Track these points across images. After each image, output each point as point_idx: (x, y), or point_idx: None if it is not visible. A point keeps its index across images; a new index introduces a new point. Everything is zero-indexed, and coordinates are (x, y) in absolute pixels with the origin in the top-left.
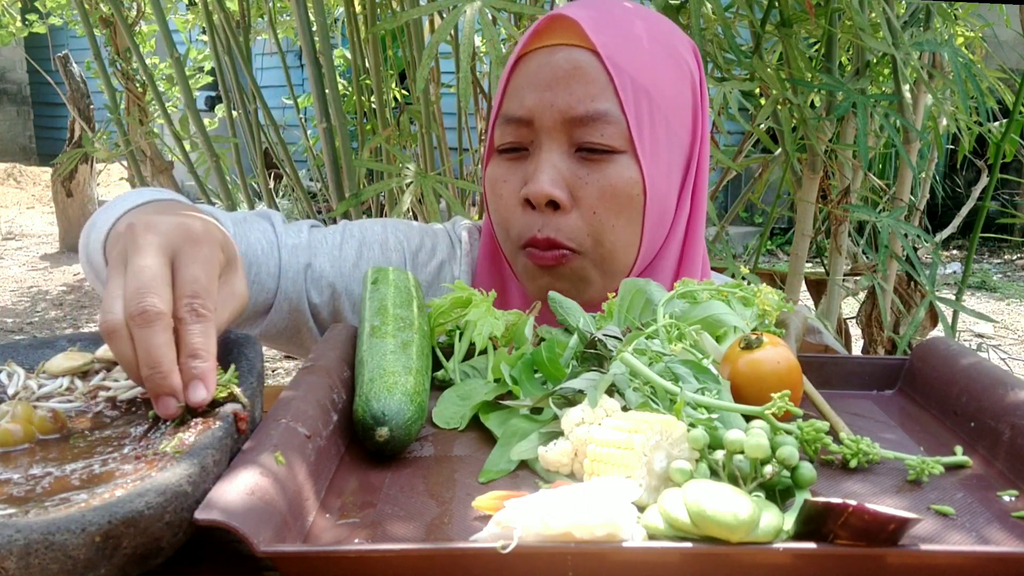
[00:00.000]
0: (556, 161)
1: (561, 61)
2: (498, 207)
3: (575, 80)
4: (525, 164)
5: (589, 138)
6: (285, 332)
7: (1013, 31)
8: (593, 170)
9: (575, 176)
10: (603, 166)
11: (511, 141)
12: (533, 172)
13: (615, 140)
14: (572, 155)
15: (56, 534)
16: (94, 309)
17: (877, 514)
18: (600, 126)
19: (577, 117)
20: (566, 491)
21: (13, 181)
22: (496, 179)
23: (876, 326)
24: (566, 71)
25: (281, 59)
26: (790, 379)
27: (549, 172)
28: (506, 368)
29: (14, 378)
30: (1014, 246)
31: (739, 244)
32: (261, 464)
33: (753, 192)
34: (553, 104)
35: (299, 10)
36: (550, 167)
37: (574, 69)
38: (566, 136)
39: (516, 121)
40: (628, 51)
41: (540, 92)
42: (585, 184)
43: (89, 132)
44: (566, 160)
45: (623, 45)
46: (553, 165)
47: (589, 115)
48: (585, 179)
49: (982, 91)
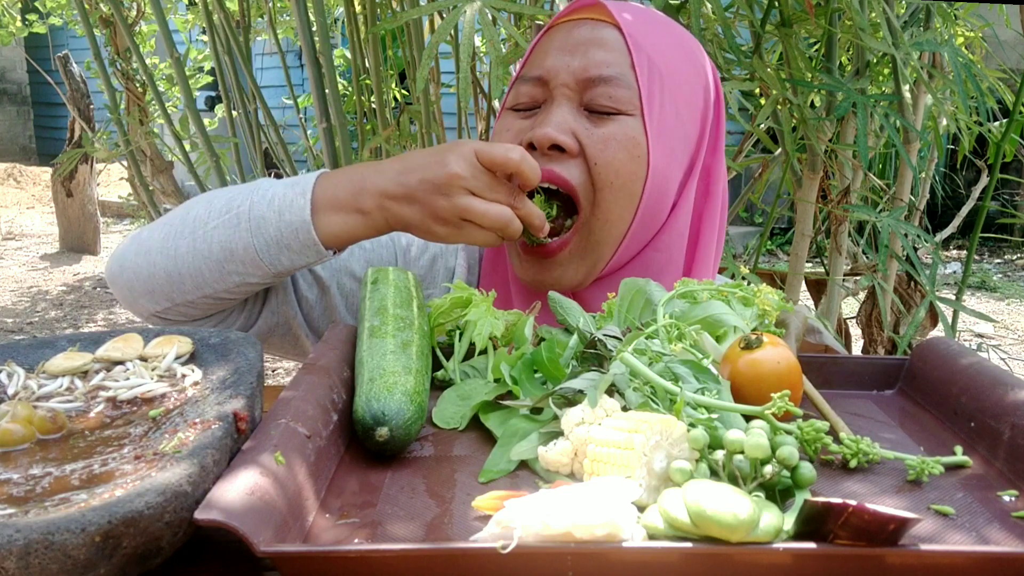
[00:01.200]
0: (565, 113)
1: (584, 31)
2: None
3: (595, 46)
4: (533, 119)
5: (600, 99)
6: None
7: (1013, 31)
8: (600, 125)
9: (582, 127)
10: (610, 123)
11: (524, 98)
12: (541, 120)
13: (624, 104)
14: (581, 111)
15: (56, 534)
16: (94, 309)
17: (877, 514)
18: (612, 88)
19: (591, 78)
20: (566, 491)
21: (13, 181)
22: (501, 129)
23: (876, 326)
24: (587, 39)
25: (281, 59)
26: (790, 379)
27: (557, 120)
28: (506, 368)
29: (14, 378)
30: (1014, 246)
31: (739, 244)
32: (261, 464)
33: (753, 192)
34: (569, 65)
35: (299, 10)
36: (558, 117)
37: (595, 37)
38: (577, 95)
39: (532, 80)
40: (649, 35)
41: (559, 55)
42: (591, 134)
43: (89, 132)
44: (574, 114)
45: (644, 29)
46: (562, 116)
47: (603, 77)
48: (591, 131)
49: (982, 91)
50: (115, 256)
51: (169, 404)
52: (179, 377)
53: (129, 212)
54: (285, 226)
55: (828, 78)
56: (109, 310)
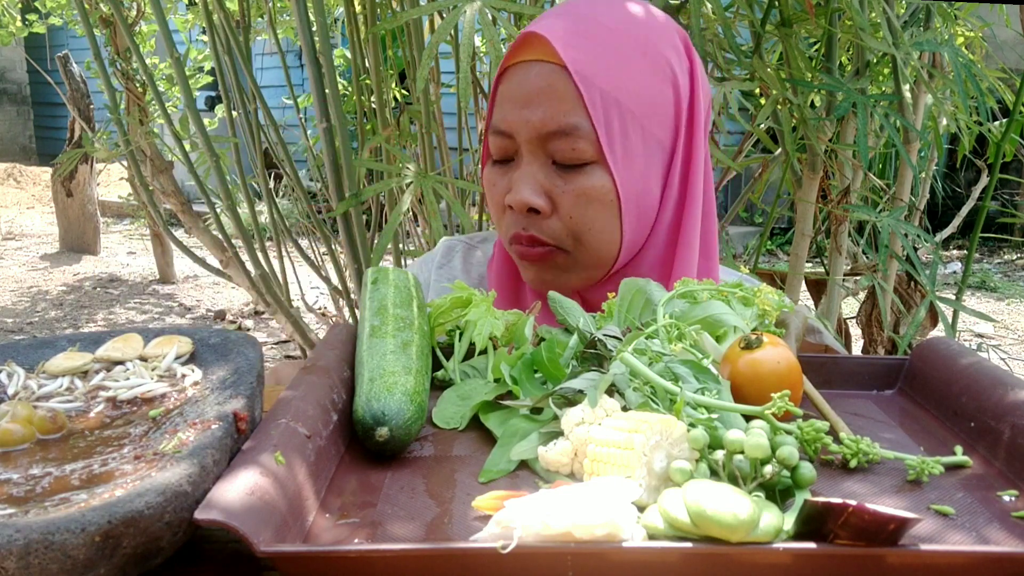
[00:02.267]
0: (535, 171)
1: (534, 78)
2: (492, 207)
3: (547, 97)
4: (511, 171)
5: (562, 152)
6: None
7: (1013, 31)
8: (568, 180)
9: (553, 185)
10: (577, 177)
11: (498, 151)
12: (514, 181)
13: (586, 152)
14: (550, 166)
15: (56, 534)
16: (94, 309)
17: (877, 514)
18: (571, 140)
19: (550, 132)
20: (566, 491)
21: (13, 181)
22: (489, 184)
23: (876, 326)
24: (539, 88)
25: (281, 59)
26: (790, 379)
27: (528, 182)
28: (506, 368)
29: (14, 378)
30: (1014, 246)
31: (739, 244)
32: (261, 464)
33: (753, 192)
34: (529, 120)
35: (299, 10)
36: (529, 177)
37: (547, 86)
38: (542, 149)
39: (500, 133)
40: (598, 62)
41: (518, 109)
42: (562, 192)
43: (89, 132)
44: (544, 170)
45: (593, 57)
46: (532, 175)
47: (561, 130)
48: (562, 188)
49: (982, 91)
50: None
51: (169, 404)
52: (179, 377)
53: (129, 212)
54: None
55: (828, 78)
56: (109, 310)
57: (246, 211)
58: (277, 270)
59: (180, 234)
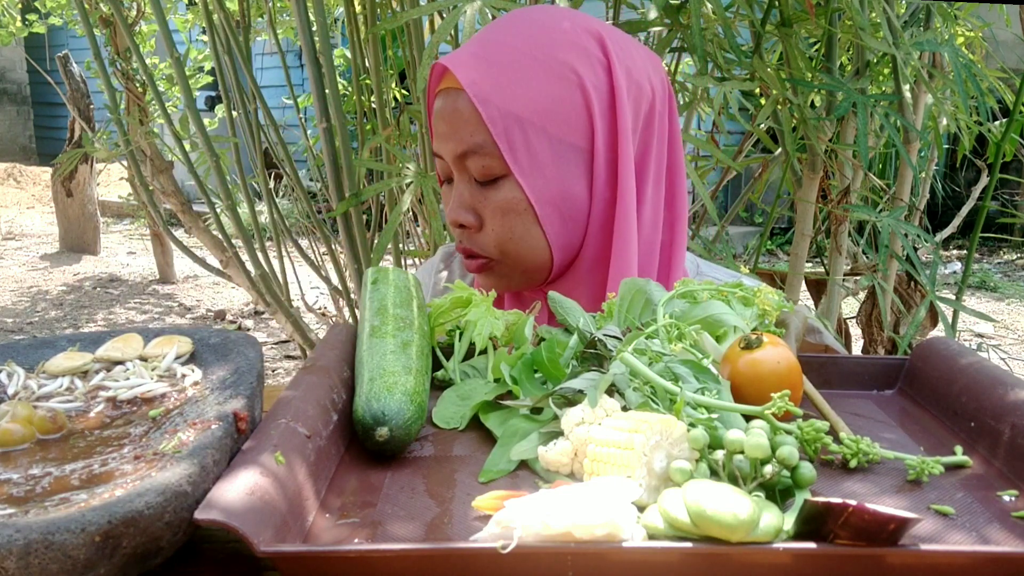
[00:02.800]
0: (463, 190)
1: (445, 106)
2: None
3: (455, 122)
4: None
5: (476, 170)
6: None
7: (1013, 31)
8: (487, 195)
9: (477, 200)
10: (493, 191)
11: (442, 174)
12: (448, 200)
13: (495, 168)
14: (474, 184)
15: (56, 534)
16: (94, 309)
17: (877, 514)
18: (480, 158)
19: (462, 153)
20: (566, 491)
21: (13, 181)
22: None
23: (876, 326)
24: (449, 113)
25: (281, 59)
26: (790, 379)
27: (456, 200)
28: (506, 368)
29: (14, 378)
30: (1014, 246)
31: (739, 244)
32: (261, 464)
33: (753, 192)
34: (446, 144)
35: (299, 10)
36: (457, 196)
37: (453, 111)
38: (464, 169)
39: (437, 157)
40: (494, 81)
41: (439, 136)
42: (485, 207)
43: (89, 132)
44: (470, 188)
45: (490, 77)
46: (460, 194)
47: (469, 150)
48: (484, 202)
49: (982, 91)
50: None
51: (169, 404)
52: (179, 377)
53: (129, 212)
54: None
55: (828, 78)
56: (109, 310)
57: (246, 211)
58: (277, 270)
59: (180, 234)
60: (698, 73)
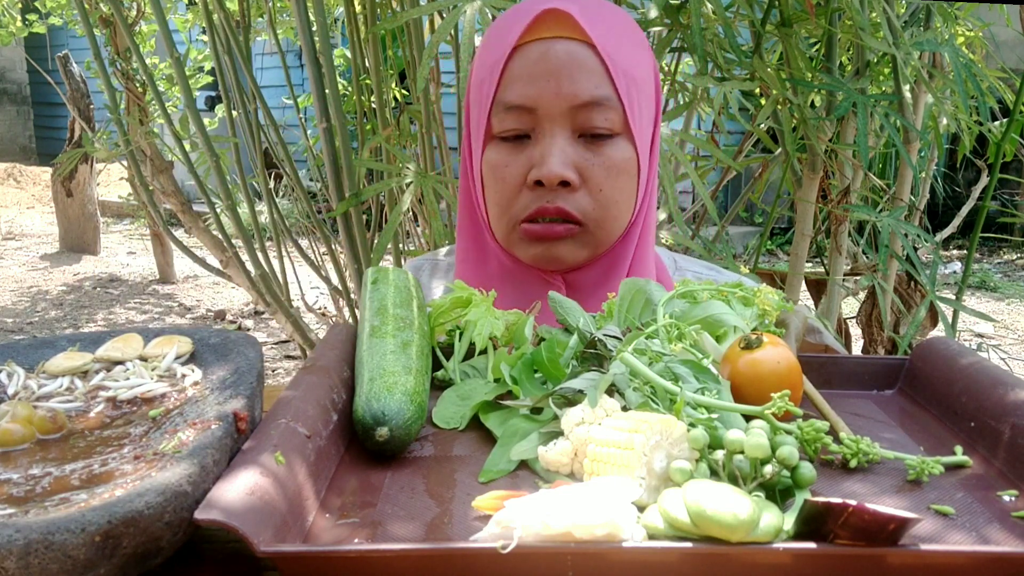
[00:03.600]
0: (563, 145)
1: (561, 52)
2: (500, 189)
3: (576, 70)
4: (528, 149)
5: (593, 123)
6: None
7: (1013, 31)
8: (597, 152)
9: (581, 158)
10: (605, 148)
11: (514, 128)
12: (542, 156)
13: (615, 124)
14: (576, 139)
15: (56, 534)
16: (94, 309)
17: (877, 514)
18: (603, 111)
19: (582, 104)
20: (566, 491)
21: (13, 181)
22: (497, 164)
23: (876, 326)
24: (566, 61)
25: (281, 59)
26: (790, 379)
27: (559, 155)
28: (506, 368)
29: (14, 378)
30: (1014, 246)
31: (739, 244)
32: (261, 464)
33: (753, 192)
34: (558, 92)
35: (299, 10)
36: (559, 151)
37: (574, 59)
38: (569, 122)
39: (519, 108)
40: (616, 42)
41: (543, 81)
42: (592, 165)
43: (89, 132)
44: (571, 144)
45: (611, 36)
46: (561, 149)
47: (594, 101)
48: (591, 160)
49: (982, 91)
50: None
51: (169, 404)
52: (179, 377)
53: (129, 212)
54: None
55: (828, 78)
56: (109, 310)
57: (246, 211)
58: (277, 270)
59: (180, 234)
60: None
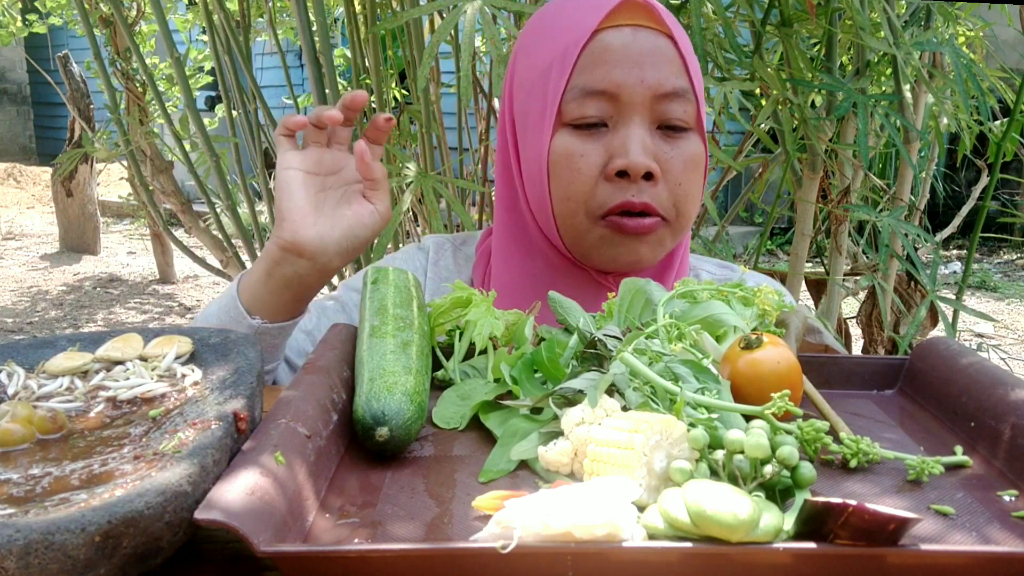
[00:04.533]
0: (644, 136)
1: (645, 41)
2: (573, 180)
3: (660, 61)
4: (604, 138)
5: (673, 114)
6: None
7: (1014, 30)
8: (674, 146)
9: (660, 150)
10: (681, 142)
11: (592, 115)
12: (623, 146)
13: (690, 118)
14: (654, 131)
15: (56, 534)
16: (94, 309)
17: (877, 514)
18: (683, 103)
19: (666, 93)
20: (566, 491)
21: (13, 181)
22: (572, 153)
23: (876, 326)
24: (651, 50)
25: (281, 59)
26: (790, 379)
27: (640, 145)
28: (506, 368)
29: (14, 378)
30: (1014, 246)
31: (739, 244)
32: (261, 464)
33: (753, 192)
34: (643, 80)
35: (299, 10)
36: (641, 141)
37: (656, 50)
38: (650, 112)
39: (600, 94)
40: (685, 38)
41: (628, 67)
42: (670, 158)
43: (89, 132)
44: (650, 136)
45: (681, 31)
46: (642, 139)
47: (676, 92)
48: (669, 154)
49: (983, 90)
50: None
51: (169, 404)
52: (179, 377)
53: (129, 212)
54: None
55: (828, 78)
56: (109, 310)
57: (246, 211)
58: None
59: (180, 234)
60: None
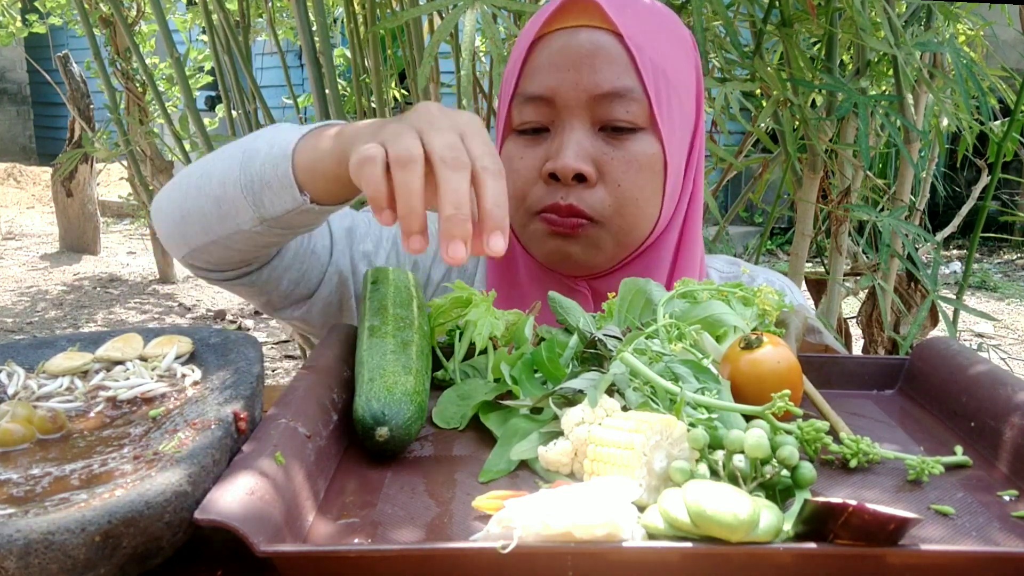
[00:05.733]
0: (580, 138)
1: (584, 41)
2: (514, 180)
3: (599, 60)
4: (545, 142)
5: (615, 115)
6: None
7: (1015, 30)
8: (618, 147)
9: (600, 152)
10: (627, 142)
11: (531, 120)
12: (558, 148)
13: (638, 117)
14: (595, 132)
15: (56, 534)
16: (94, 309)
17: (877, 514)
18: (625, 103)
19: (603, 95)
20: (566, 491)
21: (13, 181)
22: (512, 156)
23: (876, 326)
24: (589, 51)
25: (281, 59)
26: (790, 379)
27: (575, 148)
28: (506, 368)
29: (14, 378)
30: (1014, 246)
31: (739, 244)
32: (261, 464)
33: (753, 192)
34: (578, 83)
35: (299, 10)
36: (575, 143)
37: (597, 49)
38: (589, 114)
39: (536, 100)
40: (645, 32)
41: (563, 72)
42: (611, 160)
43: (89, 132)
44: (590, 137)
45: (640, 27)
46: (578, 141)
47: (615, 92)
48: (611, 155)
49: (983, 90)
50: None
51: (169, 404)
52: (179, 377)
53: (129, 212)
54: (270, 159)
55: (829, 78)
56: (109, 310)
57: None
58: None
59: None
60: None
